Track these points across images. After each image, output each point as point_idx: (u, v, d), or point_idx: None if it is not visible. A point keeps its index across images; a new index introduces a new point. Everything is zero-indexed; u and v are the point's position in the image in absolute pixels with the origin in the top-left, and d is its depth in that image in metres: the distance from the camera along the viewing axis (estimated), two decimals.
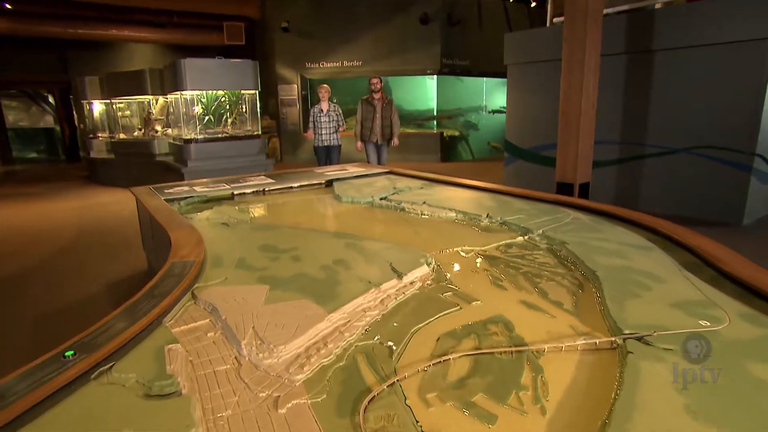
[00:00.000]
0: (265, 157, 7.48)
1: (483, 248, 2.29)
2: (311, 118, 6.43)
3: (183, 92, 7.02)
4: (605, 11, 5.39)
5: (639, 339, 1.31)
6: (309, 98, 11.80)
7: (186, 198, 3.46)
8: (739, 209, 5.12)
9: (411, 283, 1.81)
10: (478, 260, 2.13)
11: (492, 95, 13.31)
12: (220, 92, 7.20)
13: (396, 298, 1.67)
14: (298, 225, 2.80)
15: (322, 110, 6.42)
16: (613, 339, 1.34)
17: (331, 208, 3.38)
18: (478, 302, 1.65)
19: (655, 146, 5.88)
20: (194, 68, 6.83)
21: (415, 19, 10.67)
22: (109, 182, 9.02)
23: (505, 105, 13.79)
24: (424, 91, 11.95)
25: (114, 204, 7.15)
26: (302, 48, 11.21)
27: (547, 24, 7.33)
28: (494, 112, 13.45)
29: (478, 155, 12.99)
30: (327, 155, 6.58)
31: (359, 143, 6.52)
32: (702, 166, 5.41)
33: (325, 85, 6.47)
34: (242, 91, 7.29)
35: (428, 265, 1.99)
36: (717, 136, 5.23)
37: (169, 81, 7.35)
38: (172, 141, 7.85)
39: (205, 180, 4.16)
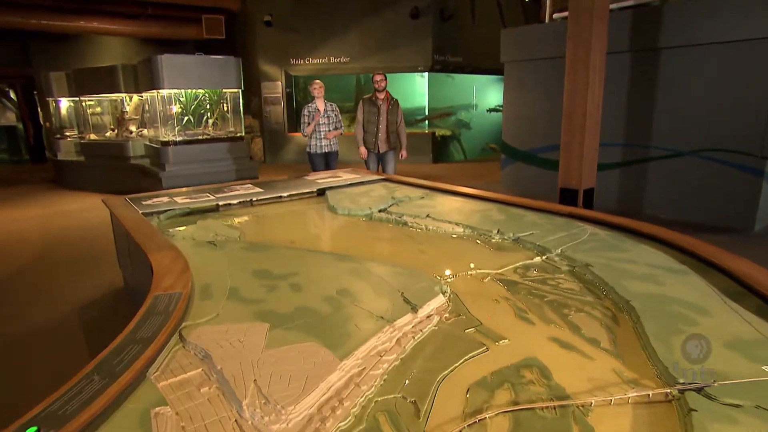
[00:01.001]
0: (249, 160, 7.30)
1: (499, 271, 2.18)
2: (305, 119, 5.65)
3: (160, 91, 6.80)
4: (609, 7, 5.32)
5: (698, 391, 1.20)
6: (294, 96, 11.61)
7: (166, 211, 3.28)
8: (750, 215, 5.11)
9: (427, 317, 1.69)
10: (497, 286, 2.01)
11: (486, 93, 13.27)
12: (200, 91, 6.99)
13: (414, 337, 1.55)
14: (292, 243, 2.65)
15: (317, 110, 5.64)
16: (668, 391, 1.22)
17: (327, 221, 3.24)
18: (506, 341, 1.53)
19: (661, 148, 5.84)
20: (172, 65, 6.62)
21: (406, 14, 10.56)
22: (78, 187, 8.72)
23: (499, 103, 13.92)
24: (416, 89, 11.85)
25: (84, 211, 6.89)
26: (286, 43, 11.02)
27: (546, 20, 7.28)
28: (491, 110, 13.41)
29: (470, 156, 12.93)
30: (325, 164, 5.72)
31: (362, 149, 5.65)
32: (711, 169, 5.39)
33: (319, 81, 5.69)
34: (224, 90, 7.10)
35: (444, 294, 1.86)
36: (726, 139, 5.20)
37: (145, 78, 7.13)
38: (148, 143, 7.61)
39: (186, 189, 3.98)
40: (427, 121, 12.00)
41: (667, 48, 5.54)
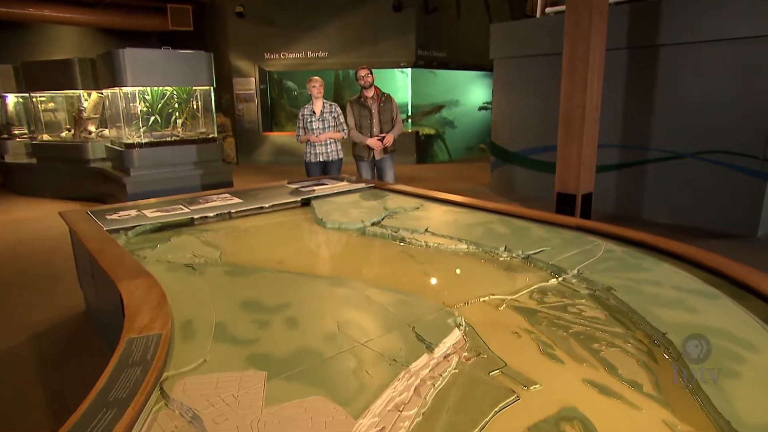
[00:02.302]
0: (222, 163, 7.07)
1: (513, 296, 2.08)
2: (301, 123, 5.17)
3: (123, 88, 6.52)
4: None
5: None
6: (269, 93, 11.38)
7: (135, 227, 3.09)
8: (754, 220, 5.16)
9: (445, 358, 1.57)
10: (514, 315, 1.91)
11: (470, 90, 13.28)
12: (168, 89, 6.74)
13: (434, 384, 1.42)
14: (281, 264, 2.50)
15: (314, 112, 5.13)
16: None
17: (316, 237, 3.09)
18: (537, 386, 1.42)
19: (660, 150, 5.87)
20: (136, 60, 6.34)
21: (388, 6, 10.45)
22: (30, 192, 8.33)
23: (486, 100, 13.96)
24: (398, 86, 11.76)
25: (37, 221, 6.57)
26: (260, 36, 10.79)
27: (537, 14, 7.26)
28: (481, 108, 13.45)
29: (455, 156, 12.92)
30: (324, 173, 5.20)
31: (371, 140, 5.06)
32: (712, 172, 5.43)
33: (318, 78, 5.17)
34: (194, 88, 6.86)
35: (459, 327, 1.75)
36: (729, 140, 5.24)
37: (105, 74, 6.82)
38: (109, 144, 7.30)
39: (156, 200, 3.78)
40: (410, 120, 11.93)
41: (666, 45, 5.56)
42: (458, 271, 2.44)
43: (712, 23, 5.19)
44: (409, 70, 11.03)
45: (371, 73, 5.13)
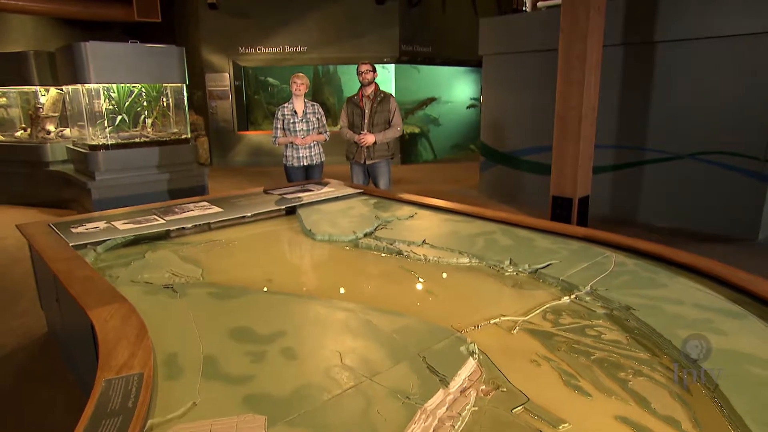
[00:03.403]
0: (197, 165, 6.88)
1: (526, 317, 2.01)
2: (279, 124, 4.92)
3: (86, 85, 6.30)
4: None
5: None
6: (244, 89, 11.18)
7: (104, 241, 2.94)
8: (754, 223, 5.22)
9: (462, 393, 1.49)
10: (529, 339, 1.84)
11: (455, 86, 13.27)
12: (137, 86, 6.54)
13: (453, 425, 1.34)
14: (270, 284, 2.40)
15: (295, 112, 4.89)
16: None
17: (305, 250, 2.99)
18: (567, 425, 1.35)
19: (657, 151, 5.91)
20: (101, 55, 6.13)
21: None
22: None
23: (473, 96, 13.98)
24: (381, 82, 11.66)
25: None
26: (235, 29, 10.58)
27: (528, 8, 7.27)
28: (470, 106, 13.47)
29: (440, 155, 12.90)
30: (306, 179, 5.00)
31: (359, 136, 4.86)
32: (710, 174, 5.48)
33: (303, 75, 4.93)
34: (166, 85, 6.66)
35: (473, 356, 1.67)
36: (728, 141, 5.29)
37: (66, 69, 6.58)
38: (71, 146, 7.05)
39: (126, 209, 3.62)
40: None
41: (664, 41, 5.59)
42: (462, 288, 2.37)
43: (712, 19, 5.23)
44: (393, 65, 10.95)
45: (374, 70, 4.88)
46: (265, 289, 2.33)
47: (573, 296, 2.20)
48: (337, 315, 1.98)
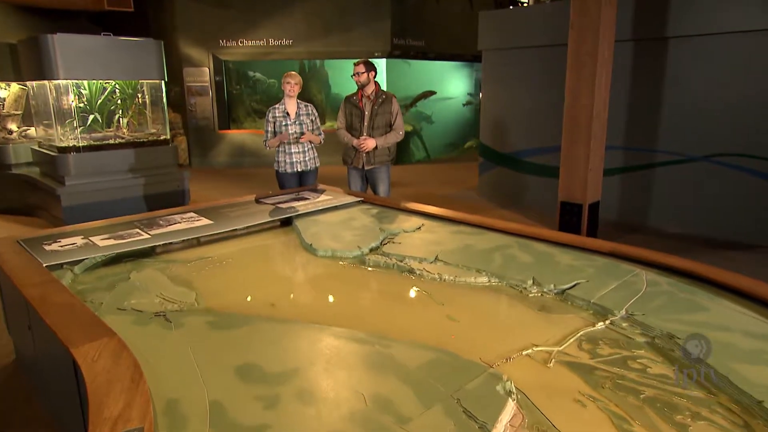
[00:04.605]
0: (177, 169, 6.71)
1: (560, 348, 1.93)
2: (270, 126, 4.77)
3: (53, 81, 6.10)
4: None
5: None
6: (225, 85, 11.00)
7: (82, 260, 2.79)
8: None
9: None
10: (568, 374, 1.75)
11: (451, 81, 13.24)
12: (111, 82, 6.36)
13: None
14: (274, 309, 2.28)
15: (287, 114, 4.76)
16: None
17: (308, 269, 2.87)
18: None
19: (669, 153, 5.89)
20: (70, 48, 5.94)
21: None
22: None
23: (469, 91, 13.95)
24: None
25: None
26: (215, 21, 10.40)
27: (531, 1, 7.22)
28: (466, 103, 13.43)
29: (434, 155, 12.85)
30: (300, 186, 4.84)
31: (358, 140, 4.72)
32: (727, 177, 5.46)
33: (296, 74, 4.83)
34: (142, 81, 6.49)
35: (511, 396, 1.58)
36: (745, 142, 5.28)
37: (30, 64, 6.38)
38: (37, 147, 6.84)
39: (104, 222, 3.47)
40: None
41: (676, 37, 5.56)
42: (486, 313, 2.28)
43: (727, 13, 5.21)
44: (384, 60, 10.86)
45: (369, 71, 4.70)
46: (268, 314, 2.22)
47: (608, 322, 2.12)
48: (355, 347, 1.87)
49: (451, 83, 13.37)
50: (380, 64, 11.38)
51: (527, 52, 6.93)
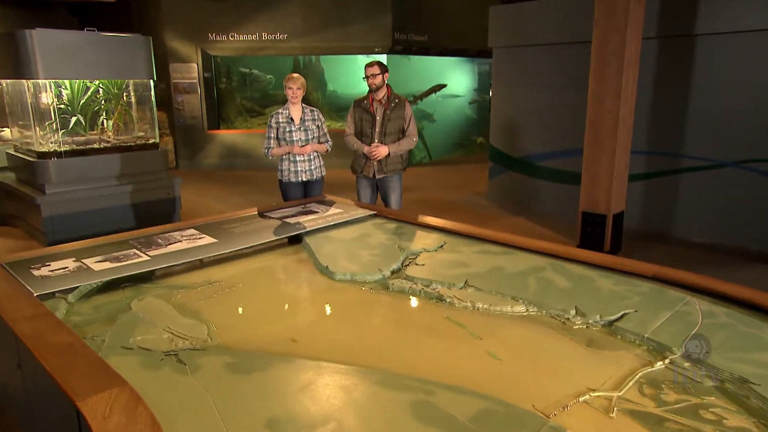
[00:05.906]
0: (168, 176, 6.58)
1: (620, 393, 1.84)
2: (273, 133, 4.69)
3: (31, 80, 5.97)
4: None
5: None
6: (214, 82, 10.90)
7: (76, 288, 2.67)
8: None
9: None
10: (634, 426, 1.66)
11: (454, 78, 13.20)
12: (95, 82, 6.23)
13: None
14: (296, 345, 2.18)
15: (292, 119, 4.69)
16: None
17: (326, 295, 2.77)
18: None
19: (696, 158, 5.85)
20: (50, 45, 5.82)
21: None
22: None
23: (474, 88, 13.89)
24: None
25: None
26: (203, 13, 10.31)
27: None
28: (474, 101, 13.38)
29: (436, 156, 12.80)
30: (304, 196, 4.72)
31: (369, 147, 4.66)
32: (757, 184, 5.44)
33: (298, 77, 4.77)
34: (128, 81, 6.37)
35: None
36: None
37: (5, 61, 6.24)
38: (13, 152, 6.69)
39: (97, 241, 3.34)
40: None
41: (706, 34, 5.52)
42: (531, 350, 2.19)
43: (761, 9, 5.16)
44: (385, 56, 10.79)
45: (383, 71, 4.66)
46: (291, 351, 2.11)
47: (667, 361, 2.04)
48: (395, 395, 1.77)
49: (455, 79, 13.32)
50: (380, 60, 11.33)
51: (542, 49, 6.88)
